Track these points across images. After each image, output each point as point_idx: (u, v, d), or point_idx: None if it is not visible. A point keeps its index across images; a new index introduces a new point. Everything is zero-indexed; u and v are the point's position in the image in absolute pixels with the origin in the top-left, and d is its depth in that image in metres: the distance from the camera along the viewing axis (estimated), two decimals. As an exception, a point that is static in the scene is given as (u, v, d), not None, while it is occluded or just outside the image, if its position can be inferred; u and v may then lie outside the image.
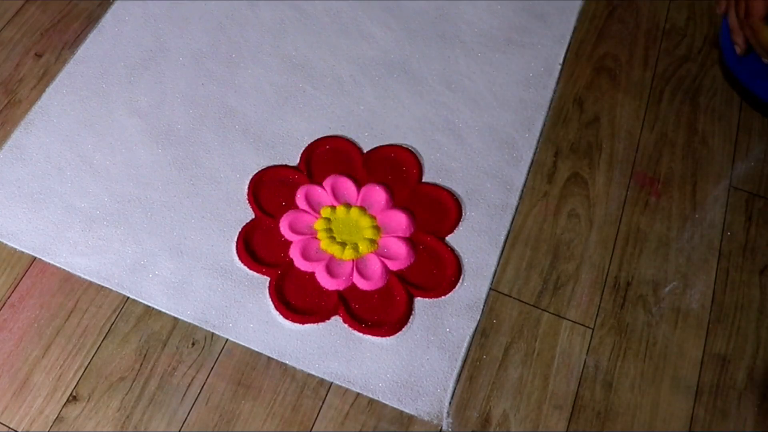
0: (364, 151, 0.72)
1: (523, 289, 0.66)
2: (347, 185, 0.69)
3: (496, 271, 0.66)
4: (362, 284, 0.64)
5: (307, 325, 0.63)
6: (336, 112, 0.75)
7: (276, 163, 0.71)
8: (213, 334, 0.63)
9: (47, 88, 0.75)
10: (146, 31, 0.80)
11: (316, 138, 0.72)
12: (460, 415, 0.60)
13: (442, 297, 0.64)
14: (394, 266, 0.65)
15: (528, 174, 0.71)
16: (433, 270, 0.65)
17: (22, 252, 0.66)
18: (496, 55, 0.79)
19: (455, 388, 0.60)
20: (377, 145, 0.72)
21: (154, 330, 0.63)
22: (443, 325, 0.63)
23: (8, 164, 0.71)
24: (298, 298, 0.64)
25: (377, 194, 0.69)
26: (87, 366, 0.61)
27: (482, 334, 0.63)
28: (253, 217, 0.68)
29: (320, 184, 0.69)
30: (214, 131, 0.73)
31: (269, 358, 0.62)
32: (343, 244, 0.66)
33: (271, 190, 0.69)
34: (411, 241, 0.67)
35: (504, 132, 0.73)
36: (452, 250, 0.66)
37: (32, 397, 0.60)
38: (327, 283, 0.64)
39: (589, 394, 0.61)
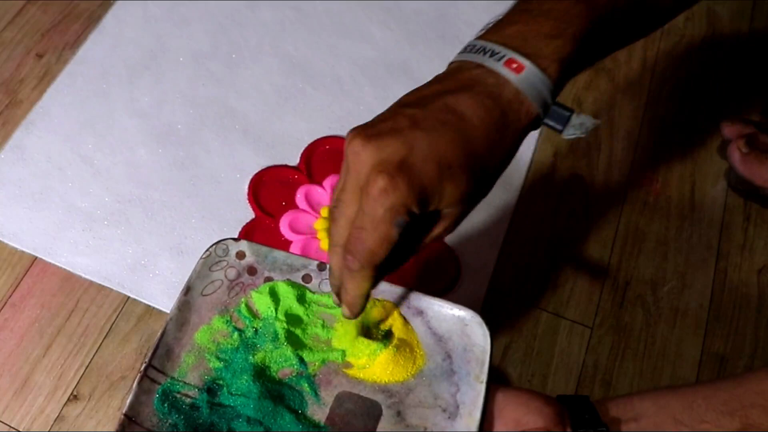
0: (364, 151, 0.72)
1: (522, 288, 0.66)
2: (347, 185, 0.69)
3: (495, 271, 0.66)
4: (362, 284, 0.64)
5: (307, 325, 0.63)
6: (336, 112, 0.75)
7: (276, 163, 0.71)
8: (213, 333, 0.63)
9: (48, 89, 0.75)
10: (147, 31, 0.80)
11: (316, 138, 0.73)
12: (459, 414, 0.60)
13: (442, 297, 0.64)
14: (393, 266, 0.65)
15: (528, 174, 0.72)
16: (432, 270, 0.65)
17: (23, 252, 0.66)
18: (496, 56, 0.79)
19: (455, 387, 0.61)
20: (377, 145, 0.72)
21: (155, 329, 0.63)
22: (443, 325, 0.63)
23: (9, 164, 0.71)
24: (298, 298, 0.64)
25: (377, 194, 0.69)
26: (88, 365, 0.61)
27: (481, 334, 0.63)
28: (253, 217, 0.68)
29: (320, 184, 0.70)
30: (214, 131, 0.73)
31: (269, 357, 0.62)
32: (343, 244, 0.66)
33: (271, 190, 0.70)
34: (411, 240, 0.67)
35: (503, 132, 0.73)
36: (452, 250, 0.66)
37: (33, 396, 0.60)
38: (327, 282, 0.64)
39: (588, 393, 0.61)
